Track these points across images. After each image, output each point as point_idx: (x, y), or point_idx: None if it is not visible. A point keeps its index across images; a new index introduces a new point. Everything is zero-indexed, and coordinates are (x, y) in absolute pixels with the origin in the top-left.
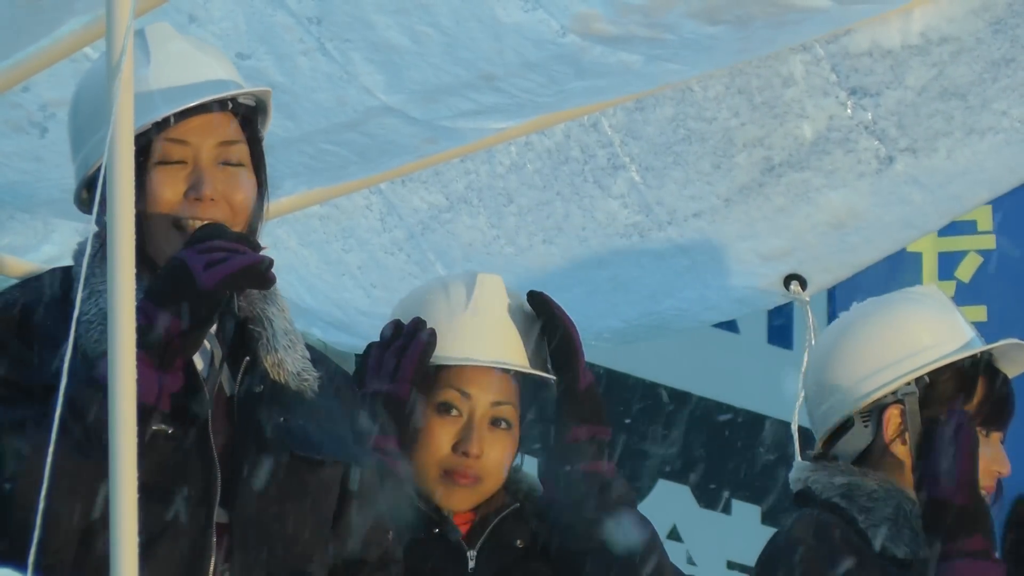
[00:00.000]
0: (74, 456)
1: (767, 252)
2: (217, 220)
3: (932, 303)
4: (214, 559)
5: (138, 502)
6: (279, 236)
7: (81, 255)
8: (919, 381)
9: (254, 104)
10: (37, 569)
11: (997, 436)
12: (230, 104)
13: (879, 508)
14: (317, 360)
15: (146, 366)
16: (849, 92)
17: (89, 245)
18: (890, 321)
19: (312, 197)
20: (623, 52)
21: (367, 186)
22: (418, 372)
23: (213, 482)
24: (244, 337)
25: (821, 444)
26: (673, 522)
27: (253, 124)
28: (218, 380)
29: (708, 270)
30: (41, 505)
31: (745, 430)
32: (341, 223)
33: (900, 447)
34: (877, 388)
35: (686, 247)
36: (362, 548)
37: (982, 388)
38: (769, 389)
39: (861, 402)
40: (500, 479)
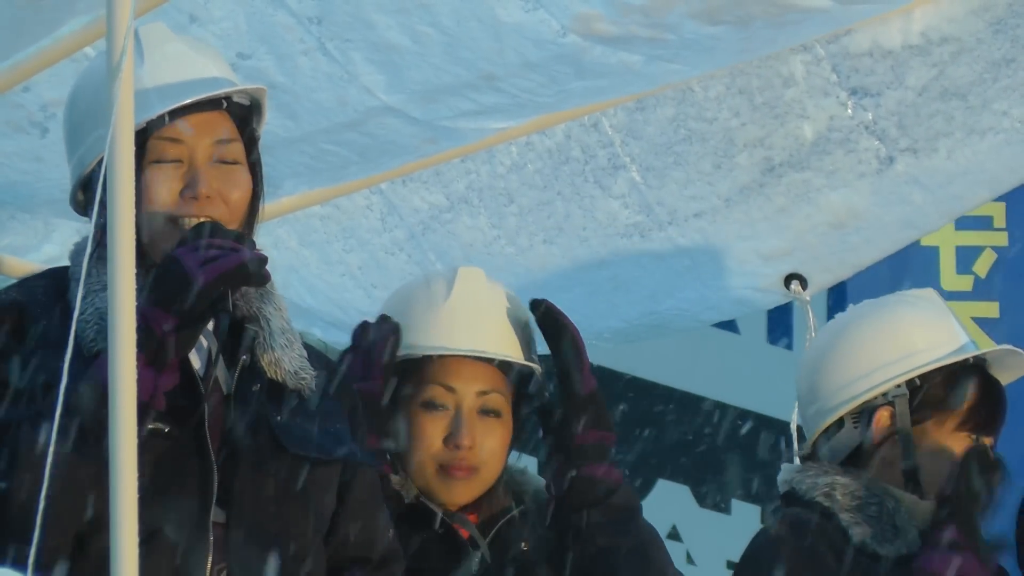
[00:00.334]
0: (69, 455)
1: (767, 252)
2: (213, 218)
3: (927, 306)
4: (211, 558)
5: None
6: (280, 236)
7: (78, 255)
8: (910, 384)
9: (248, 103)
10: (37, 569)
11: (988, 442)
12: (225, 103)
13: (862, 507)
14: (316, 358)
15: (141, 364)
16: (850, 92)
17: (89, 245)
18: (883, 323)
19: (313, 197)
20: (624, 52)
21: (368, 186)
22: (388, 365)
23: (210, 481)
24: (241, 336)
25: (811, 444)
26: (673, 522)
27: (249, 123)
28: (214, 378)
29: (708, 270)
30: (41, 505)
31: (745, 430)
32: (342, 223)
33: (888, 449)
34: (867, 390)
35: (687, 247)
36: (364, 546)
37: (973, 393)
38: (769, 389)
39: (851, 403)
40: (497, 468)
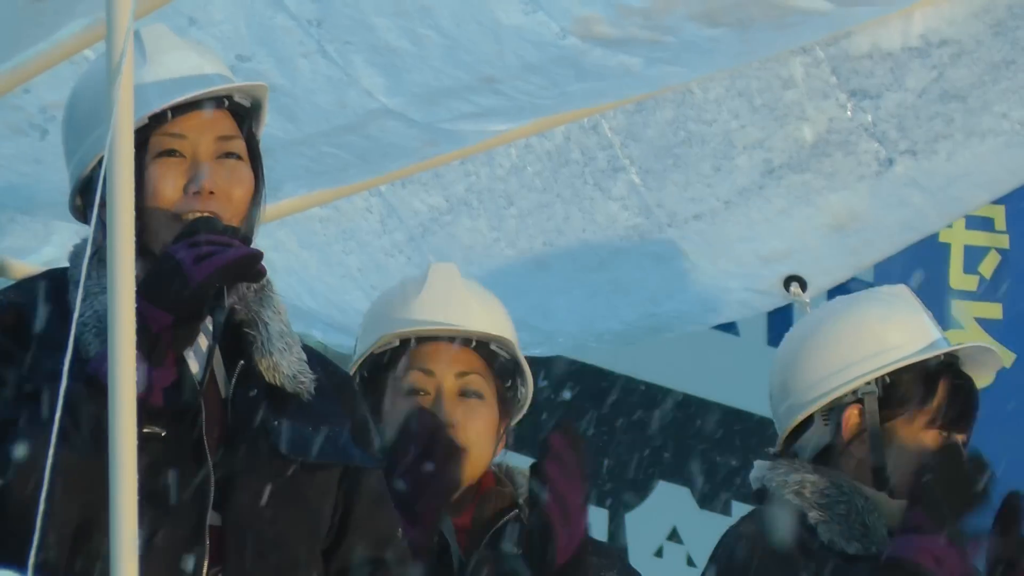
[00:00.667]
0: (66, 454)
1: (767, 254)
2: (216, 214)
3: (899, 303)
4: (207, 562)
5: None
6: (280, 238)
7: (76, 257)
8: (880, 381)
9: (249, 105)
10: (37, 569)
11: (960, 439)
12: (226, 102)
13: (832, 505)
14: (316, 361)
15: (136, 361)
16: (849, 94)
17: (89, 246)
18: (854, 320)
19: (312, 199)
20: (623, 54)
21: (367, 188)
22: (438, 512)
23: (206, 484)
24: (240, 340)
25: (782, 441)
26: (673, 524)
27: (249, 124)
28: (212, 381)
29: (708, 272)
30: (42, 506)
31: (745, 431)
32: (341, 225)
33: (858, 446)
34: (837, 387)
35: (686, 249)
36: (378, 547)
37: (943, 390)
38: None
39: (821, 400)
40: (485, 451)
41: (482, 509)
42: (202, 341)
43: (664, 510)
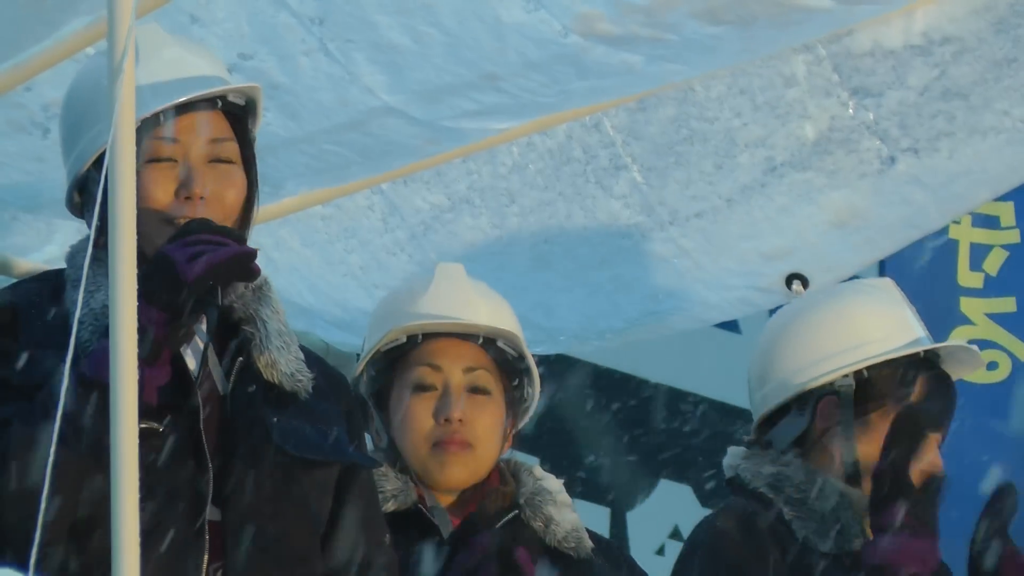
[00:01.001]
0: (59, 451)
1: (769, 252)
2: (209, 217)
3: (882, 297)
4: (206, 557)
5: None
6: (281, 236)
7: (73, 258)
8: (857, 375)
9: (244, 103)
10: (37, 569)
11: (935, 437)
12: (220, 103)
13: (806, 500)
14: (313, 361)
15: None
16: (851, 92)
17: (90, 247)
18: (836, 312)
19: (314, 198)
20: (625, 52)
21: (369, 186)
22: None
23: (205, 480)
24: (238, 338)
25: (756, 429)
26: (675, 522)
27: (244, 123)
28: (206, 377)
29: (710, 270)
30: (43, 505)
31: (747, 430)
32: (343, 223)
33: (832, 439)
34: (814, 378)
35: (688, 247)
36: (367, 549)
37: (921, 388)
38: None
39: (797, 390)
40: (492, 448)
41: (483, 508)
42: (198, 340)
43: (666, 508)
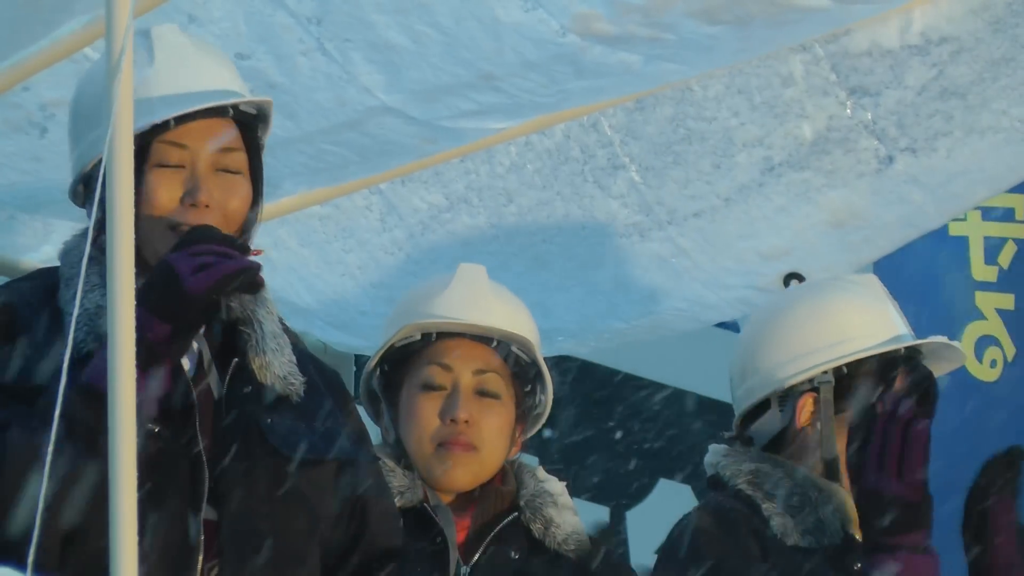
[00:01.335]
0: (59, 458)
1: (767, 251)
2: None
3: (864, 293)
4: (202, 557)
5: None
6: (279, 236)
7: (66, 255)
8: (837, 371)
9: (255, 112)
10: (37, 569)
11: None
12: (231, 111)
13: (786, 497)
14: (308, 359)
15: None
16: (849, 92)
17: (88, 247)
18: (817, 308)
19: (312, 197)
20: (623, 52)
21: (367, 186)
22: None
23: (200, 480)
24: (233, 338)
25: (737, 425)
26: (675, 522)
27: (253, 131)
28: (206, 380)
29: (708, 270)
30: (40, 504)
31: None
32: (341, 223)
33: (811, 435)
34: (794, 374)
35: (686, 247)
36: (390, 536)
37: (901, 384)
38: None
39: (777, 386)
40: (498, 452)
41: (483, 509)
42: (194, 342)
43: (666, 508)
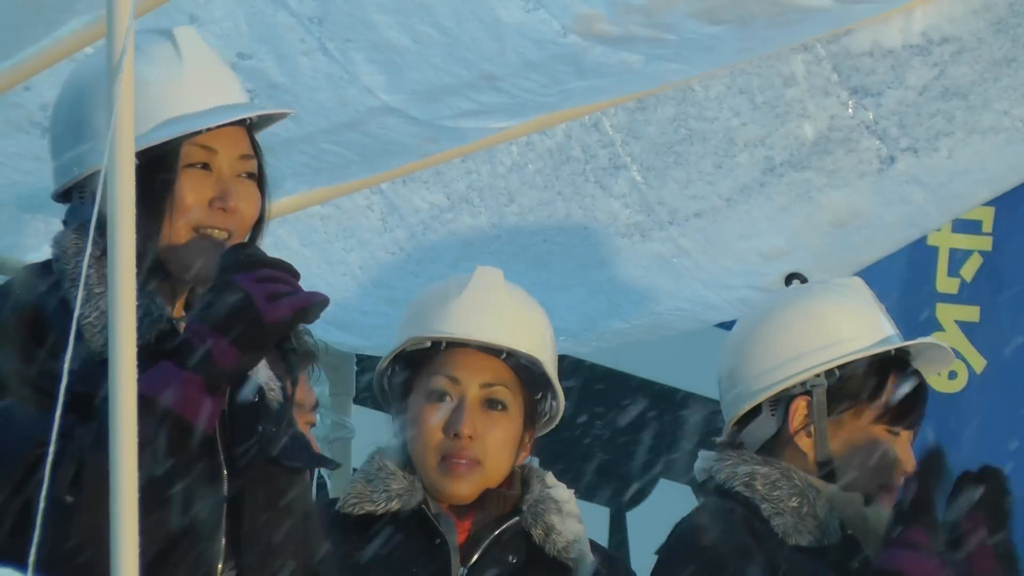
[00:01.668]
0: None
1: (768, 251)
2: (231, 230)
3: (852, 296)
4: (220, 565)
5: (152, 511)
6: (280, 236)
7: (64, 252)
8: (829, 374)
9: (257, 120)
10: (37, 569)
11: (907, 435)
12: (248, 120)
13: (783, 497)
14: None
15: (198, 389)
16: (850, 92)
17: (89, 246)
18: (806, 312)
19: (313, 197)
20: (624, 52)
21: (368, 186)
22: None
23: (220, 483)
24: None
25: (728, 430)
26: (675, 523)
27: (255, 140)
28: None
29: (709, 270)
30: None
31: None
32: (342, 223)
33: (804, 439)
34: (786, 378)
35: (687, 247)
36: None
37: (892, 386)
38: None
39: (769, 391)
40: (502, 464)
41: (485, 512)
42: None
43: (666, 509)
